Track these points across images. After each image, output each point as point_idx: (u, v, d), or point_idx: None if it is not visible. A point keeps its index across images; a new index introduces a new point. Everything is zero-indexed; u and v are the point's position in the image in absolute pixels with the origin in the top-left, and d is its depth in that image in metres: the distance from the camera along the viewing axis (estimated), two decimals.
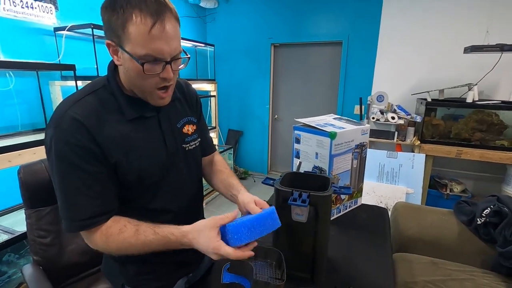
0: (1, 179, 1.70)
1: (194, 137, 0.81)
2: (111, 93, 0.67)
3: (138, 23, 0.55)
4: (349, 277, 0.87)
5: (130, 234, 0.63)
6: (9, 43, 1.79)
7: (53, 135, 0.60)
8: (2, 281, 1.54)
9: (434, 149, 2.28)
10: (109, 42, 0.60)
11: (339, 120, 1.32)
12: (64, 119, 0.60)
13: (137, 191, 0.71)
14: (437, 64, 2.59)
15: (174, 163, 0.75)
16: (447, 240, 1.39)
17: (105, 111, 0.65)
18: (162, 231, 0.63)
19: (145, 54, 0.58)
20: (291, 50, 3.68)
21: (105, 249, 0.66)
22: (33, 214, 1.13)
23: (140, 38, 0.56)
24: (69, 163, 0.61)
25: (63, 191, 0.62)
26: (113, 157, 0.64)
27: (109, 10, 0.57)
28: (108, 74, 0.69)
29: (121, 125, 0.66)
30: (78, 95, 0.65)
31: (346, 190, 0.86)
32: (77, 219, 0.63)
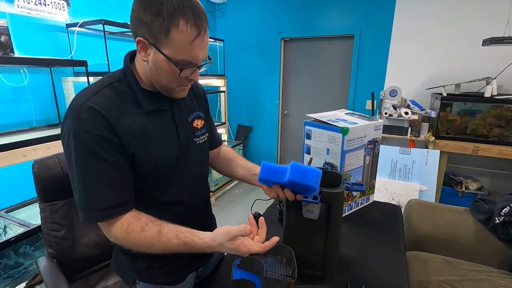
0: (17, 173, 1.75)
1: (203, 132, 0.83)
2: (127, 86, 0.68)
3: (183, 32, 0.58)
4: (361, 275, 0.85)
5: (153, 234, 0.64)
6: (23, 40, 1.82)
7: (73, 125, 0.60)
8: (19, 272, 1.59)
9: (449, 145, 2.21)
10: (141, 40, 0.61)
11: (351, 115, 1.29)
12: (83, 110, 0.61)
13: (151, 183, 0.71)
14: (453, 57, 2.50)
15: (185, 156, 0.76)
16: (463, 239, 1.35)
17: (123, 103, 0.66)
18: (185, 237, 0.64)
19: (183, 60, 0.61)
20: (301, 45, 3.63)
21: (125, 244, 0.66)
22: (47, 208, 1.15)
23: (183, 46, 0.59)
24: (89, 153, 0.61)
25: (83, 181, 0.62)
26: (131, 148, 0.65)
27: (152, 12, 0.57)
28: (124, 67, 0.70)
29: (139, 117, 0.67)
30: (94, 88, 0.66)
31: (359, 186, 0.84)
32: (97, 209, 0.63)
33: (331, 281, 0.82)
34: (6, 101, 1.78)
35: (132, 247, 0.67)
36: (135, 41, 0.63)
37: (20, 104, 1.85)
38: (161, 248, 0.64)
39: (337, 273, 0.84)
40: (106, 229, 0.66)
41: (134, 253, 0.78)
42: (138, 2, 0.59)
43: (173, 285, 0.82)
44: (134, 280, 0.81)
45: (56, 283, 0.98)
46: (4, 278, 1.53)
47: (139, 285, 0.81)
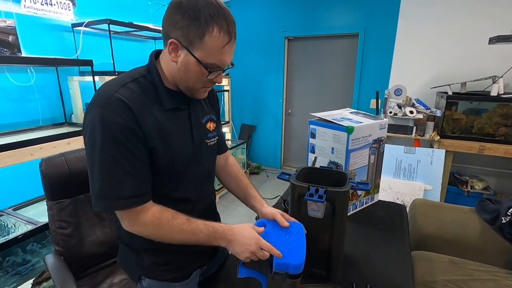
0: (24, 171, 1.77)
1: (214, 134, 0.86)
2: (150, 83, 0.71)
3: (216, 38, 0.63)
4: (366, 274, 0.86)
5: (183, 221, 0.69)
6: (29, 40, 1.84)
7: (101, 115, 0.62)
8: (26, 269, 1.62)
9: (454, 144, 2.19)
10: (174, 41, 0.64)
11: (356, 114, 1.28)
12: (112, 100, 0.63)
13: (164, 178, 0.74)
14: (459, 56, 2.48)
15: (197, 155, 0.79)
16: (468, 238, 1.34)
17: (146, 98, 0.69)
18: (211, 223, 0.72)
19: (212, 63, 0.66)
20: (305, 44, 3.62)
21: (153, 231, 0.69)
22: (54, 205, 1.17)
23: (214, 50, 0.64)
24: (115, 142, 0.63)
25: (107, 169, 0.63)
26: (152, 141, 0.68)
27: (189, 17, 0.61)
28: (149, 65, 0.73)
29: (159, 113, 0.70)
30: (120, 81, 0.68)
31: (364, 186, 0.84)
32: (120, 197, 0.64)
33: (336, 280, 0.82)
34: (13, 100, 1.80)
35: (157, 235, 0.69)
36: (165, 42, 0.67)
37: (26, 103, 1.87)
38: (188, 235, 0.69)
39: (342, 272, 0.85)
40: (132, 217, 0.67)
41: (139, 249, 0.79)
42: (176, 7, 0.63)
43: (178, 282, 0.83)
44: (140, 277, 0.82)
45: (63, 280, 0.99)
46: (12, 275, 1.55)
47: (145, 282, 0.82)
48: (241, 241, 0.69)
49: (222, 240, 0.71)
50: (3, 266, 1.52)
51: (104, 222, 1.27)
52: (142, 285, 0.83)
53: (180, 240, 0.70)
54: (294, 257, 0.67)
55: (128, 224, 0.69)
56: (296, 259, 0.66)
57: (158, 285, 0.82)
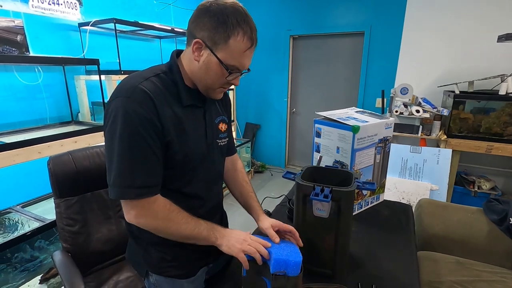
0: (33, 169, 1.80)
1: (225, 135, 0.89)
2: (171, 80, 0.74)
3: (240, 41, 0.67)
4: (372, 274, 0.85)
5: (187, 215, 0.74)
6: (37, 39, 1.86)
7: (123, 104, 0.64)
8: (34, 265, 1.64)
9: (461, 144, 2.17)
10: (199, 41, 0.68)
11: (362, 114, 1.27)
12: (136, 91, 0.66)
13: (177, 173, 0.76)
14: (467, 54, 2.44)
15: (209, 153, 0.82)
16: (475, 239, 1.33)
17: (168, 93, 0.72)
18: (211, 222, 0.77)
19: (233, 65, 0.70)
20: (310, 42, 3.61)
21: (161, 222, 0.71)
22: (62, 203, 1.18)
23: (237, 53, 0.68)
24: (135, 132, 0.65)
25: (123, 158, 0.65)
26: (169, 135, 0.70)
27: (218, 20, 0.65)
28: (171, 63, 0.77)
29: (178, 109, 0.73)
30: (144, 74, 0.71)
31: (370, 185, 0.84)
32: (133, 187, 0.66)
33: (341, 280, 0.82)
34: (21, 99, 1.82)
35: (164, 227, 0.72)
36: (189, 41, 0.71)
37: (34, 102, 1.89)
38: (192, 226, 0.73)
39: (348, 271, 0.84)
40: (145, 208, 0.69)
41: (148, 242, 0.81)
42: (205, 10, 0.67)
43: (184, 279, 0.84)
44: (148, 273, 0.84)
45: (71, 277, 1.01)
46: (20, 271, 1.58)
47: (152, 278, 0.83)
48: (234, 234, 0.75)
49: (219, 234, 0.75)
50: (12, 262, 1.55)
51: (111, 219, 1.29)
52: (150, 281, 0.84)
53: (184, 232, 0.72)
54: (293, 255, 0.70)
55: (135, 216, 0.70)
56: (295, 256, 0.69)
57: (165, 281, 0.83)
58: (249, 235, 0.75)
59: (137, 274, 1.21)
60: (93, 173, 1.22)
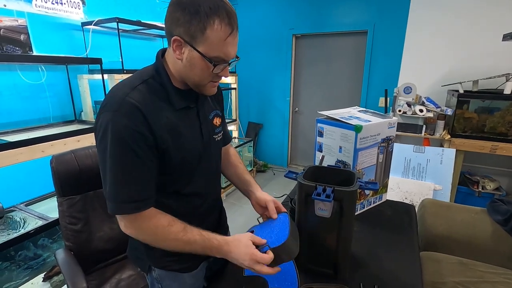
0: (36, 168, 1.81)
1: (220, 129, 0.87)
2: (160, 84, 0.71)
3: (218, 30, 0.62)
4: (374, 274, 0.85)
5: (179, 230, 0.69)
6: (40, 39, 1.87)
7: (112, 119, 0.63)
8: (37, 263, 1.65)
9: (465, 143, 2.15)
10: (177, 38, 0.65)
11: (365, 113, 1.27)
12: (124, 104, 0.64)
13: (175, 176, 0.75)
14: (471, 53, 2.42)
15: (206, 151, 0.80)
16: (479, 240, 1.32)
17: (157, 100, 0.69)
18: (208, 234, 0.71)
19: (216, 56, 0.65)
20: (313, 41, 3.59)
21: (148, 237, 0.69)
22: (65, 202, 1.19)
23: (217, 43, 0.63)
24: (125, 147, 0.63)
25: (115, 173, 0.65)
26: (164, 143, 0.68)
27: (190, 12, 0.61)
28: (157, 64, 0.73)
29: (170, 113, 0.71)
30: (131, 83, 0.69)
31: (372, 185, 0.83)
32: (126, 201, 0.65)
33: (343, 280, 0.81)
34: (25, 98, 1.83)
35: (153, 241, 0.70)
36: (169, 40, 0.67)
37: (38, 101, 1.90)
38: (183, 244, 0.69)
39: (350, 271, 0.84)
40: (132, 221, 0.68)
41: None
42: (176, 3, 0.63)
43: (186, 273, 0.85)
44: (150, 267, 0.85)
45: (73, 275, 1.01)
46: (24, 268, 1.59)
47: (155, 272, 0.84)
48: (237, 258, 0.69)
49: (218, 254, 0.71)
50: (16, 260, 1.56)
51: (112, 218, 1.29)
52: (152, 276, 0.85)
53: (175, 249, 0.69)
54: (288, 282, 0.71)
55: (125, 227, 0.69)
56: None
57: (167, 275, 0.84)
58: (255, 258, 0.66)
59: (139, 272, 1.22)
60: (96, 172, 1.21)
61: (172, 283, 0.85)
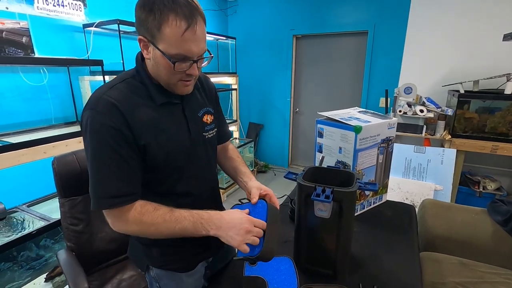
0: (38, 169, 1.82)
1: (212, 127, 0.86)
2: (140, 82, 0.72)
3: (173, 26, 0.60)
4: (373, 275, 0.85)
5: (166, 211, 0.68)
6: (42, 41, 1.88)
7: (89, 117, 0.65)
8: (39, 264, 1.66)
9: (466, 144, 2.15)
10: (141, 38, 0.66)
11: (364, 114, 1.27)
12: (100, 102, 0.65)
13: (163, 174, 0.75)
14: (472, 53, 2.42)
15: (195, 149, 0.79)
16: (479, 240, 1.32)
17: (136, 97, 0.70)
18: (197, 211, 0.70)
19: (176, 54, 0.64)
20: (313, 42, 3.60)
21: (136, 227, 0.68)
22: (66, 203, 1.20)
23: (174, 39, 0.62)
24: (102, 143, 0.64)
25: (94, 169, 0.66)
26: (143, 139, 0.68)
27: (146, 10, 0.61)
28: (136, 65, 0.74)
29: (151, 109, 0.71)
30: (110, 83, 0.71)
31: (371, 186, 0.83)
32: (104, 197, 0.66)
33: (342, 280, 0.82)
34: (27, 99, 1.84)
35: (141, 230, 0.69)
36: None
37: (40, 103, 1.91)
38: (172, 224, 0.67)
39: (349, 272, 0.84)
40: (116, 216, 0.68)
41: (149, 241, 0.81)
42: (138, 3, 0.64)
43: (184, 272, 0.85)
44: (148, 267, 0.85)
45: (75, 275, 1.02)
46: (26, 269, 1.60)
47: (153, 271, 0.85)
48: (233, 223, 0.68)
49: (211, 226, 0.68)
50: (18, 260, 1.57)
51: None
52: (150, 275, 0.86)
53: (166, 232, 0.68)
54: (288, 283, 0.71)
55: (112, 224, 0.69)
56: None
57: (165, 274, 0.85)
58: (252, 220, 0.68)
59: (140, 272, 1.22)
60: None
61: (169, 282, 0.85)
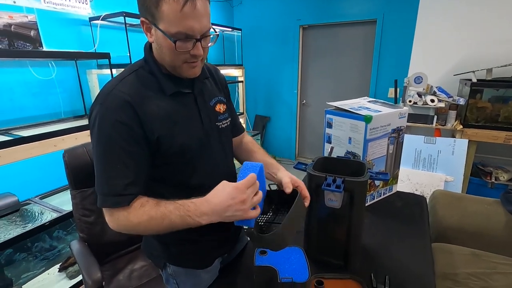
0: (49, 162, 1.85)
1: (225, 116, 0.83)
2: (149, 72, 0.70)
3: (170, 2, 0.57)
4: (385, 265, 0.84)
5: (151, 206, 0.63)
6: (50, 35, 1.89)
7: (98, 112, 0.63)
8: (53, 255, 1.70)
9: (478, 134, 2.10)
10: (143, 20, 0.64)
11: (374, 103, 1.25)
12: (110, 97, 0.63)
13: (176, 166, 0.73)
14: (484, 40, 2.34)
15: (209, 140, 0.77)
16: (492, 231, 1.30)
17: (146, 89, 0.68)
18: (182, 201, 0.63)
19: (176, 32, 0.60)
20: (320, 32, 3.53)
21: (125, 226, 0.65)
22: (78, 194, 1.21)
23: (173, 16, 0.59)
24: (109, 140, 0.62)
25: (100, 166, 0.64)
26: (156, 133, 0.66)
27: None
28: (145, 55, 0.72)
29: (162, 101, 0.68)
30: (120, 76, 0.69)
31: (383, 175, 0.82)
32: (110, 195, 0.63)
33: (353, 271, 0.81)
34: (36, 94, 1.86)
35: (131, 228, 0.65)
36: None
37: (48, 97, 1.93)
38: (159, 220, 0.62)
39: (360, 262, 0.84)
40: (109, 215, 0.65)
41: (167, 239, 0.80)
42: None
43: (201, 269, 0.85)
44: (165, 264, 0.85)
45: (88, 265, 1.04)
46: (40, 259, 1.65)
47: (170, 268, 0.84)
48: (224, 204, 0.59)
49: (201, 217, 0.61)
50: (32, 251, 1.61)
51: None
52: (167, 272, 0.85)
53: (157, 228, 0.63)
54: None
55: (108, 222, 0.66)
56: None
57: (182, 272, 0.84)
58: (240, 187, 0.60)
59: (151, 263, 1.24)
60: None
61: (187, 279, 0.85)
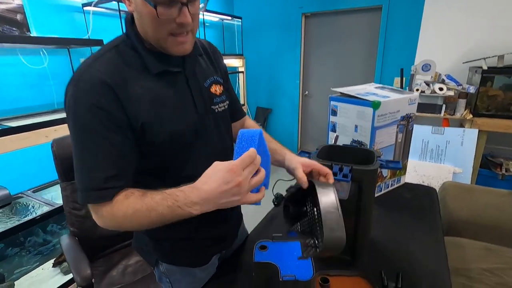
0: (42, 154, 1.79)
1: (222, 99, 0.73)
2: (132, 48, 0.60)
3: None
4: (395, 261, 0.78)
5: (136, 198, 0.55)
6: (41, 21, 1.81)
7: (72, 94, 0.54)
8: (47, 249, 1.66)
9: (489, 123, 2.01)
10: None
11: (382, 89, 1.17)
12: (85, 77, 0.54)
13: (168, 157, 0.64)
14: (495, 26, 2.23)
15: (204, 125, 0.68)
16: (506, 224, 1.23)
17: (128, 67, 0.58)
18: (170, 190, 0.54)
19: None
20: (323, 20, 3.42)
21: (111, 222, 0.57)
22: (68, 186, 1.15)
23: None
24: (87, 127, 0.54)
25: (79, 158, 0.56)
26: (140, 118, 0.57)
27: None
28: (126, 28, 0.62)
29: (148, 82, 0.59)
30: (98, 53, 0.59)
31: (394, 164, 0.75)
32: (93, 189, 0.55)
33: (361, 266, 0.75)
34: (27, 83, 1.79)
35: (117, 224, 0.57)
36: None
37: (41, 87, 1.86)
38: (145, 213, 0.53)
39: (368, 257, 0.77)
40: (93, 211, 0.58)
41: (158, 235, 0.74)
42: None
43: (197, 267, 0.78)
44: (157, 261, 0.78)
45: (77, 261, 0.98)
46: (34, 254, 1.60)
47: (162, 266, 0.77)
48: (218, 190, 0.50)
49: (192, 208, 0.52)
50: (25, 246, 1.56)
51: None
52: (160, 270, 0.79)
53: (145, 223, 0.55)
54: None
55: (94, 217, 0.58)
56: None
57: (176, 270, 0.77)
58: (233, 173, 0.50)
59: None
60: None
61: (181, 277, 0.78)
